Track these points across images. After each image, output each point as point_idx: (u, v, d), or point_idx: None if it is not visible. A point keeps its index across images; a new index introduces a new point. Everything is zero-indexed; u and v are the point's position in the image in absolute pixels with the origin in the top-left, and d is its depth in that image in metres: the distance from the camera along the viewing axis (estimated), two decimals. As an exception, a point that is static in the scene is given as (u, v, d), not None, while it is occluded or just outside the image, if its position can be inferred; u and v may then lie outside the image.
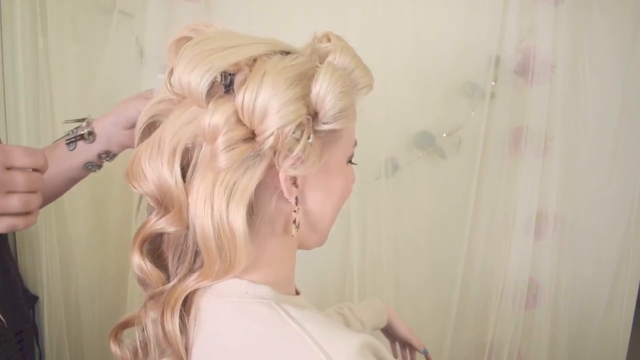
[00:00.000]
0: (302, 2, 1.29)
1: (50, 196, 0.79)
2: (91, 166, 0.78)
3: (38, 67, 1.19)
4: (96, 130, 0.76)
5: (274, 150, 0.49)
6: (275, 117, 0.47)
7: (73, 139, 0.76)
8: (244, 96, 0.47)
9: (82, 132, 0.76)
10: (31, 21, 1.16)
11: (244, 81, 0.48)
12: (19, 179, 0.55)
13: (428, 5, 1.31)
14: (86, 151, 0.76)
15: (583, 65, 1.32)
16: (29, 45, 1.17)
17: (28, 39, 1.16)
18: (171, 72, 0.50)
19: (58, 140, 0.79)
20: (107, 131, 0.77)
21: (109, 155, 0.79)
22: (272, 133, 0.47)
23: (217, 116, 0.47)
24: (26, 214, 0.57)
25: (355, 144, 0.59)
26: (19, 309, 1.07)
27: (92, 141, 0.76)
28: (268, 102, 0.47)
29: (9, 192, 0.54)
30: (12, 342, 0.96)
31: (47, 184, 0.67)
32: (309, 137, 0.50)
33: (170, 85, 0.50)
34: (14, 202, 0.55)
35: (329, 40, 0.55)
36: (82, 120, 0.78)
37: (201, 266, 0.53)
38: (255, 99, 0.47)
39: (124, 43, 1.25)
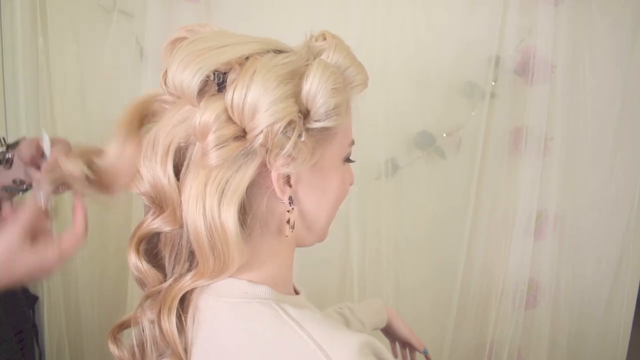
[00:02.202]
0: (302, 2, 1.29)
1: None
2: (10, 190, 0.76)
3: (38, 66, 1.19)
4: (16, 158, 0.74)
5: (266, 148, 0.49)
6: (265, 115, 0.47)
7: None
8: (234, 94, 0.47)
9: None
10: (31, 20, 1.16)
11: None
12: None
13: (428, 6, 1.31)
14: (2, 176, 0.75)
15: (583, 65, 1.32)
16: (29, 44, 1.17)
17: (28, 38, 1.16)
18: (166, 73, 0.50)
19: None
20: (25, 161, 0.74)
21: (23, 184, 0.76)
22: (262, 131, 0.47)
23: (207, 114, 0.47)
24: None
25: (352, 143, 0.59)
26: (19, 309, 1.08)
27: (9, 167, 0.74)
28: (257, 100, 0.47)
29: None
30: (12, 342, 0.96)
31: None
32: (300, 135, 0.49)
33: (166, 85, 0.50)
34: None
35: (324, 39, 0.55)
36: (10, 145, 0.76)
37: (197, 265, 0.53)
38: (245, 97, 0.47)
39: (124, 43, 1.25)
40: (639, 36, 1.31)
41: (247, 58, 0.49)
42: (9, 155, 0.74)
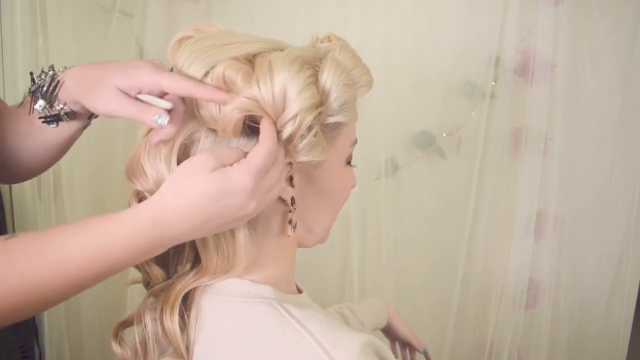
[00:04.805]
0: (303, 2, 1.29)
1: (42, 168, 0.68)
2: (85, 127, 0.63)
3: (38, 66, 1.19)
4: (74, 108, 0.58)
5: (289, 139, 0.49)
6: (297, 102, 0.47)
7: (51, 119, 0.59)
8: (259, 86, 0.47)
9: (57, 113, 0.58)
10: (31, 20, 1.16)
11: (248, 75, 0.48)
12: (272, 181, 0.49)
13: (428, 5, 1.31)
14: (72, 124, 0.61)
15: (583, 65, 1.31)
16: (29, 44, 1.16)
17: (28, 38, 1.16)
18: (172, 70, 0.50)
19: (23, 109, 0.61)
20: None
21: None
22: (294, 117, 0.48)
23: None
24: None
25: (355, 142, 0.59)
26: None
27: (73, 118, 0.60)
28: (285, 87, 0.47)
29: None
30: (12, 341, 0.96)
31: (32, 159, 0.63)
32: (319, 126, 0.50)
33: None
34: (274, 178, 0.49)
35: (330, 40, 0.56)
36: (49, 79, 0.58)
37: (200, 263, 0.53)
38: (272, 86, 0.47)
39: (124, 43, 1.25)
40: (639, 36, 1.31)
41: (254, 56, 0.50)
42: (67, 108, 0.58)
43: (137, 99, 0.50)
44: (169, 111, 0.49)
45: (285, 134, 0.48)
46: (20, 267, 0.45)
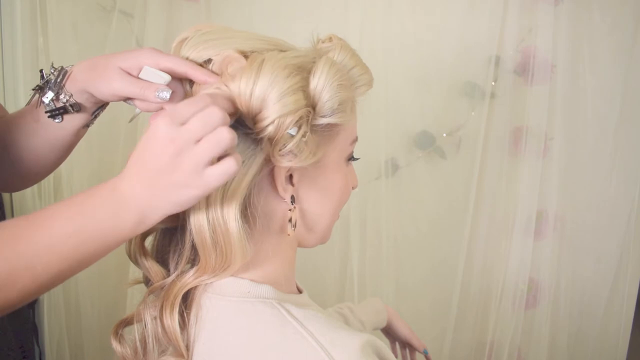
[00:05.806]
0: (302, 2, 1.29)
1: (47, 169, 0.69)
2: (88, 125, 0.64)
3: (38, 66, 1.19)
4: (80, 99, 0.60)
5: (271, 142, 0.49)
6: (277, 106, 0.47)
7: (57, 112, 0.60)
8: (241, 82, 0.47)
9: (63, 105, 0.60)
10: (31, 21, 1.16)
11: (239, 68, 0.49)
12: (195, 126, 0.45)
13: (428, 5, 1.31)
14: (76, 119, 0.62)
15: (583, 65, 1.32)
16: (29, 44, 1.17)
17: (28, 38, 1.16)
18: None
19: (30, 106, 0.64)
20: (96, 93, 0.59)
21: (104, 108, 0.64)
22: (273, 121, 0.47)
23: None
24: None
25: (356, 140, 0.59)
26: (18, 309, 1.07)
27: (79, 110, 0.61)
28: (266, 90, 0.47)
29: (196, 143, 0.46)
30: (12, 342, 0.96)
31: (36, 159, 0.65)
32: (306, 131, 0.50)
33: None
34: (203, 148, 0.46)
35: (330, 40, 0.56)
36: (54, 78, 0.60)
37: (199, 262, 0.53)
38: (253, 85, 0.47)
39: (124, 43, 1.25)
40: (639, 36, 1.31)
41: (252, 52, 0.50)
42: (72, 100, 0.59)
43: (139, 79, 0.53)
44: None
45: (264, 134, 0.48)
46: (11, 248, 0.46)
